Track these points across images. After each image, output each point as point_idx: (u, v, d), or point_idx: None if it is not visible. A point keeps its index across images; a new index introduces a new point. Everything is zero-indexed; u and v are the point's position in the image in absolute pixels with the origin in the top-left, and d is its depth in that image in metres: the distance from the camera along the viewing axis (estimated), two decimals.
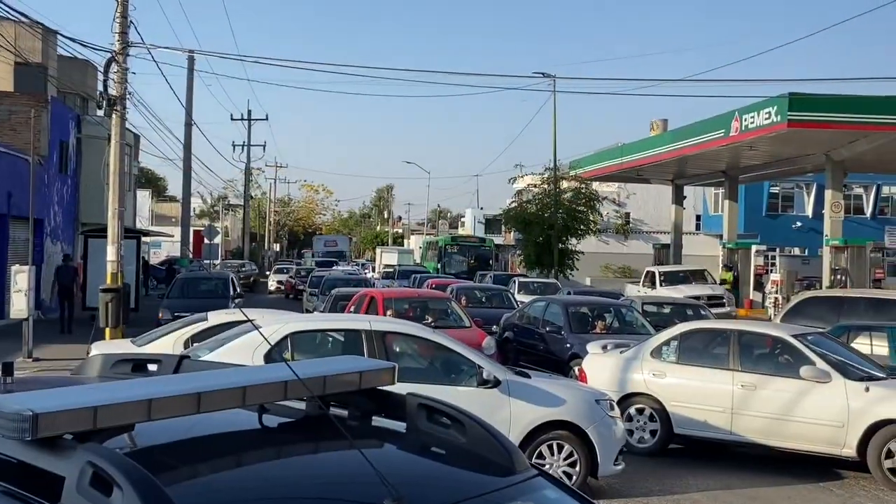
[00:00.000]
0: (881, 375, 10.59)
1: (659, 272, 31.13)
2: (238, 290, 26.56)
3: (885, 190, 57.50)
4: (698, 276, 33.38)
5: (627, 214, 67.31)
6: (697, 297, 26.69)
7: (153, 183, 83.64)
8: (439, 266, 49.59)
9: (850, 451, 10.05)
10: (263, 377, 2.77)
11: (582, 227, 43.26)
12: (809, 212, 55.08)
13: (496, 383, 8.58)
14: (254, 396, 2.66)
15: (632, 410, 11.18)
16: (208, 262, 41.83)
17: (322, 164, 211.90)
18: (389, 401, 3.03)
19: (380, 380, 3.04)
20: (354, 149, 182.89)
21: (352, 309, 16.67)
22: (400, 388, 3.06)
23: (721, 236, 42.40)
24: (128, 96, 19.94)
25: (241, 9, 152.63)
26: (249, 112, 53.17)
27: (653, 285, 30.21)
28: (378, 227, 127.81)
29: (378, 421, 3.01)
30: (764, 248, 48.10)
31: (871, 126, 27.65)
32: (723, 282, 35.04)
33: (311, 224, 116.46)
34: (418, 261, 64.86)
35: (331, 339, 9.49)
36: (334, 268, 48.19)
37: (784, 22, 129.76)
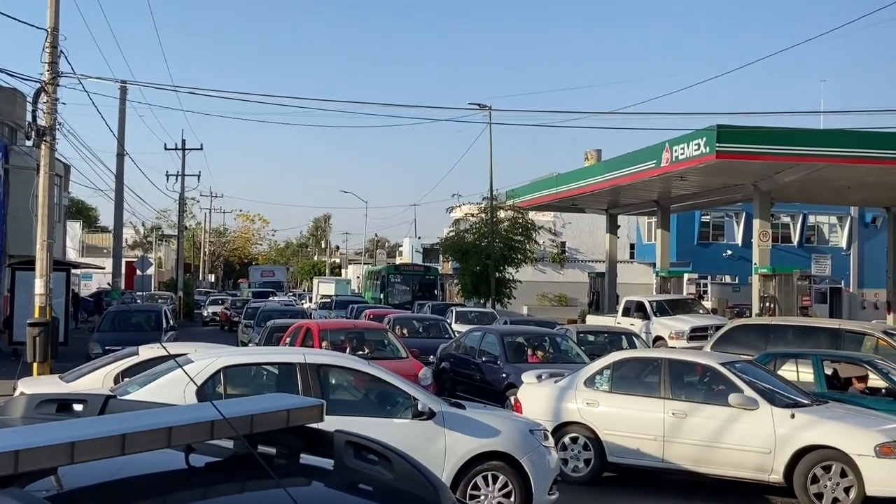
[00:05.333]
0: (806, 402, 10.86)
1: (650, 301, 29.83)
2: (171, 322, 26.18)
3: (811, 219, 59.05)
4: (689, 304, 31.64)
5: (563, 243, 68.00)
6: (705, 328, 25.64)
7: (84, 214, 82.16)
8: (382, 296, 49.27)
9: (777, 476, 10.27)
10: (189, 417, 2.77)
11: (519, 256, 43.59)
12: (739, 240, 56.26)
13: (431, 415, 8.60)
14: (180, 437, 2.66)
15: (566, 439, 11.28)
16: (141, 293, 41.15)
17: (258, 194, 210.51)
18: (317, 438, 3.05)
19: (308, 417, 3.06)
20: (291, 178, 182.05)
21: (287, 341, 16.54)
22: (335, 421, 3.10)
23: (654, 264, 43.07)
24: (58, 126, 19.61)
25: (176, 41, 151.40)
26: (184, 142, 52.57)
27: (645, 316, 28.82)
28: (315, 257, 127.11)
29: (306, 459, 3.03)
30: (696, 276, 49.00)
31: (796, 157, 28.43)
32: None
33: (247, 254, 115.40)
34: (359, 290, 64.62)
35: (265, 372, 9.42)
36: (271, 298, 47.78)
37: (712, 56, 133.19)
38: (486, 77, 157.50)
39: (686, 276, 38.88)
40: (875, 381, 12.77)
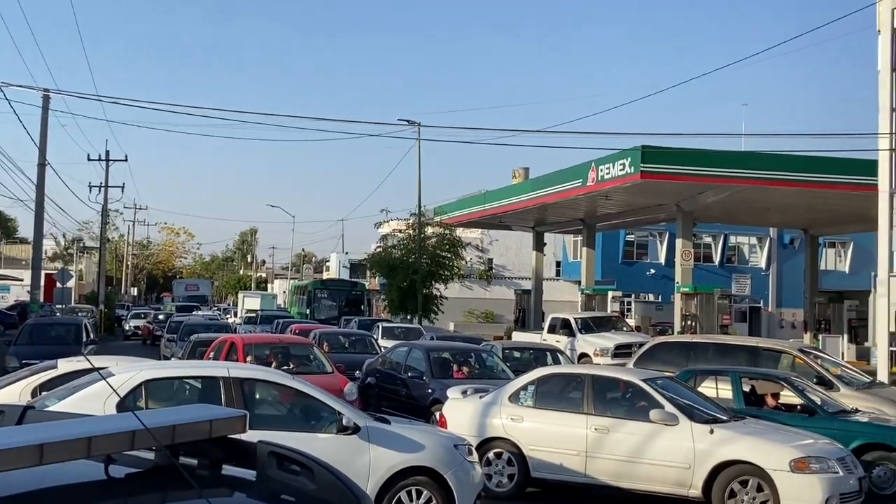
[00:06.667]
0: (725, 418, 11.10)
1: (575, 319, 30.05)
2: (92, 336, 25.60)
3: (732, 239, 60.53)
4: (614, 322, 31.76)
5: (490, 260, 68.43)
6: (629, 346, 25.59)
7: (3, 224, 79.90)
8: (308, 311, 48.91)
9: (696, 491, 10.47)
10: (110, 427, 2.74)
11: (446, 272, 43.73)
12: (662, 259, 57.36)
13: (356, 429, 8.58)
14: (100, 447, 2.63)
15: (490, 455, 11.34)
16: (61, 306, 40.15)
17: (184, 207, 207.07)
18: (240, 449, 3.04)
19: (231, 428, 3.05)
20: (218, 192, 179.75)
21: (211, 355, 16.33)
22: (259, 435, 3.09)
23: (580, 282, 43.61)
24: None
25: (103, 52, 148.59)
26: (108, 152, 51.45)
27: (570, 333, 29.03)
28: (241, 271, 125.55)
29: (228, 469, 3.02)
30: (620, 294, 49.77)
31: (717, 179, 29.16)
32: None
33: (172, 267, 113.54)
34: (285, 305, 64.01)
35: (188, 386, 9.30)
36: (195, 312, 47.09)
37: (640, 77, 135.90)
38: (418, 93, 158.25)
39: (611, 293, 39.48)
40: (790, 397, 13.11)
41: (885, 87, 21.16)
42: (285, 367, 14.77)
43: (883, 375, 19.73)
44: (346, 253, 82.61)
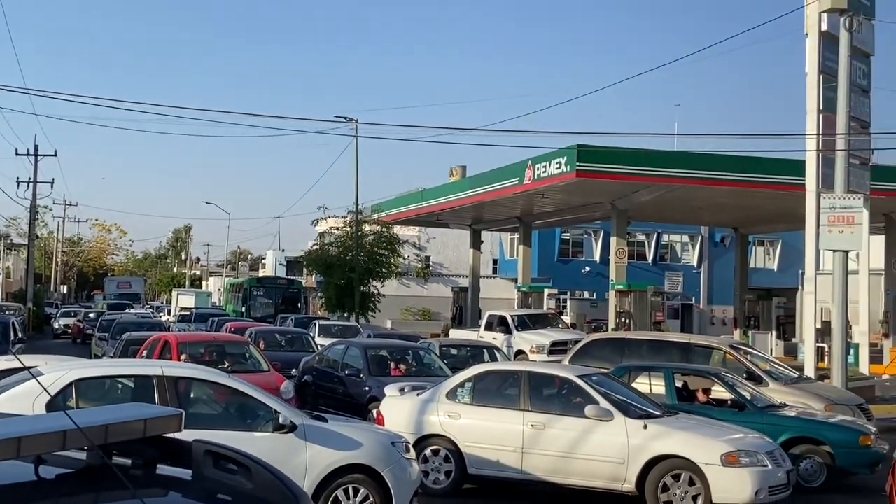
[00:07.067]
0: (658, 413, 11.28)
1: (511, 316, 30.29)
2: (20, 335, 25.01)
3: (665, 238, 61.52)
4: (550, 319, 32.05)
5: (428, 258, 68.56)
6: (565, 343, 25.77)
7: None
8: (244, 309, 48.43)
9: (630, 486, 10.62)
10: (40, 427, 2.68)
11: (383, 270, 43.64)
12: (597, 257, 58.01)
13: (292, 428, 8.53)
14: (30, 447, 2.58)
15: (427, 452, 11.35)
16: None
17: (116, 204, 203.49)
18: (175, 448, 3.00)
19: (166, 427, 3.01)
20: (151, 188, 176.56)
21: (144, 354, 16.09)
22: (194, 434, 3.05)
23: (516, 280, 43.89)
24: None
25: (32, 46, 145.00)
26: (36, 147, 50.35)
27: (507, 331, 29.25)
28: (175, 269, 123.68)
29: (163, 469, 2.98)
30: (556, 291, 50.19)
31: (651, 178, 29.56)
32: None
33: (103, 265, 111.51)
34: (221, 304, 63.25)
35: (120, 386, 9.15)
36: (127, 311, 46.30)
37: (577, 77, 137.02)
38: (356, 90, 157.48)
39: (546, 291, 39.82)
40: (721, 392, 13.38)
41: (812, 90, 21.67)
42: (220, 366, 14.62)
43: (810, 370, 20.24)
44: (283, 250, 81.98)
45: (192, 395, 8.95)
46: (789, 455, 11.46)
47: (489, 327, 30.30)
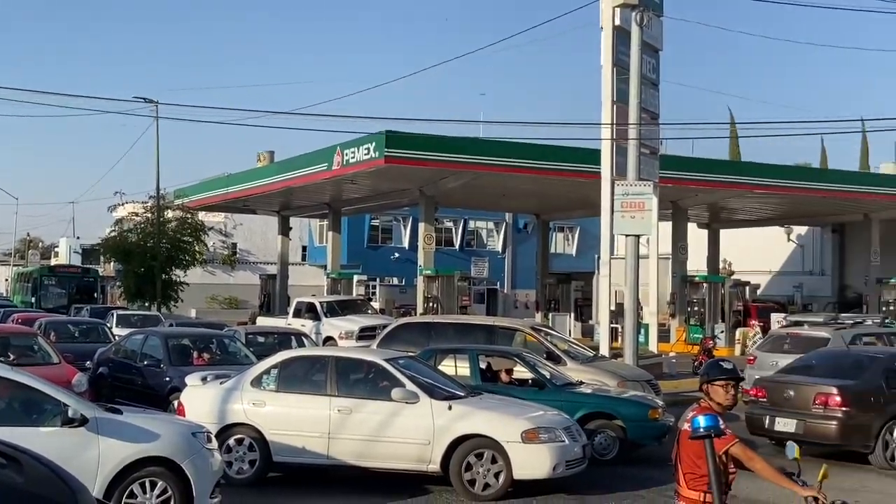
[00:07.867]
0: (462, 394, 11.50)
1: (320, 303, 29.99)
2: None
3: (472, 224, 62.88)
4: (359, 305, 32.19)
5: (234, 245, 67.11)
6: (374, 328, 25.49)
7: None
8: (34, 299, 45.80)
9: (435, 466, 10.77)
10: None
11: (187, 257, 42.37)
12: (406, 244, 58.58)
13: (83, 421, 8.12)
14: None
15: (231, 441, 11.09)
16: None
17: None
18: None
19: None
20: None
21: None
22: None
23: (326, 266, 43.65)
24: None
25: None
26: None
27: (316, 317, 28.89)
28: None
29: None
30: (365, 277, 50.22)
31: (458, 165, 30.10)
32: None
33: None
34: (8, 294, 59.55)
35: None
36: None
37: (388, 61, 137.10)
38: (157, 70, 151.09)
39: (356, 277, 39.67)
40: (523, 372, 13.80)
41: (606, 81, 22.66)
42: (4, 359, 13.77)
43: (605, 350, 21.20)
44: (78, 238, 77.90)
45: None
46: (585, 430, 11.97)
47: (298, 314, 30.12)
